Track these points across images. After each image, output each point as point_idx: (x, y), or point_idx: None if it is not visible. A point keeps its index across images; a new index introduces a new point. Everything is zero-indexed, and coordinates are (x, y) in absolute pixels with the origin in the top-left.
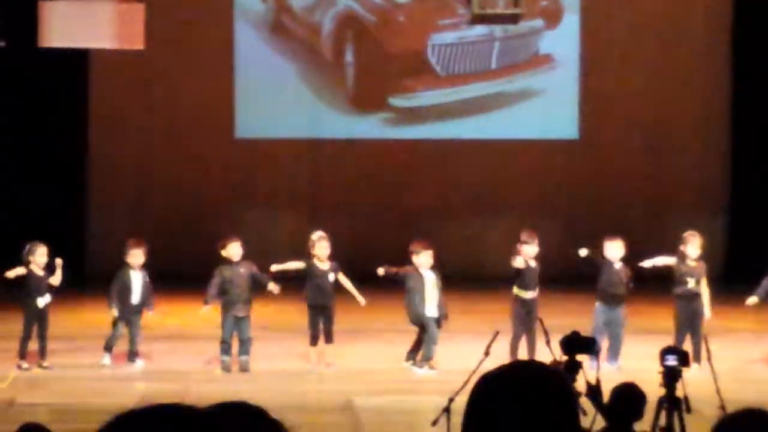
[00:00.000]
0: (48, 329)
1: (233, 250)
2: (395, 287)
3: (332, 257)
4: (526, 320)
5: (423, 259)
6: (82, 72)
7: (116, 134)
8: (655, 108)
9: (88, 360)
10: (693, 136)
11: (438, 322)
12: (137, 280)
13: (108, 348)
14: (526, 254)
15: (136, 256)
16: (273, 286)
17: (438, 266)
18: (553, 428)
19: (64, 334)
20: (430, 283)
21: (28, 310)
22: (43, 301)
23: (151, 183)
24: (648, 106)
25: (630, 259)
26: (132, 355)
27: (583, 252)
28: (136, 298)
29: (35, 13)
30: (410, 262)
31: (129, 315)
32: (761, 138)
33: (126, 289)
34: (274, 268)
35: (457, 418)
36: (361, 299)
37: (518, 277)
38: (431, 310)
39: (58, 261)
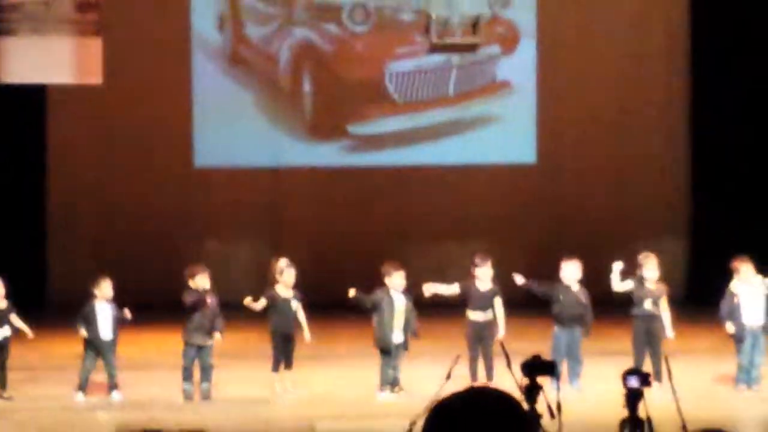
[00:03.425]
0: (8, 360)
1: (201, 281)
2: (357, 312)
3: (295, 285)
4: (477, 343)
5: (395, 281)
6: (40, 106)
7: (75, 166)
8: (612, 132)
9: (49, 391)
10: (652, 159)
11: (405, 344)
12: (105, 312)
13: (81, 387)
14: (480, 277)
15: (103, 289)
16: (219, 337)
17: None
18: None
19: (24, 365)
20: (400, 306)
21: None
22: (1, 333)
23: (111, 213)
24: (606, 131)
25: (590, 282)
26: (111, 387)
27: (519, 280)
28: (105, 332)
29: None
30: (382, 285)
31: (100, 349)
32: (721, 160)
33: (92, 322)
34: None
35: None
36: (307, 336)
37: (468, 300)
38: (398, 336)
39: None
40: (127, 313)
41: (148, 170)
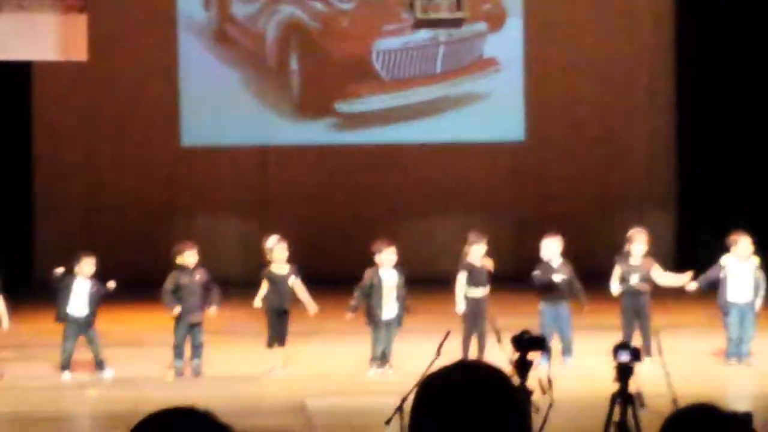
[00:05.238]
0: None
1: (189, 258)
2: (347, 290)
3: (290, 261)
4: (474, 319)
5: (386, 258)
6: (25, 83)
7: (61, 144)
8: (600, 107)
9: (38, 368)
10: (638, 134)
11: (398, 320)
12: (83, 289)
13: (64, 366)
14: (474, 254)
15: (83, 266)
16: (214, 310)
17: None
18: (499, 428)
19: (13, 343)
20: (390, 283)
21: None
22: None
23: (99, 191)
24: (592, 107)
25: (579, 258)
26: (99, 365)
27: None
28: (82, 308)
29: None
30: (372, 263)
31: (78, 326)
32: (706, 133)
33: (65, 298)
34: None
35: None
36: (311, 308)
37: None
38: (387, 312)
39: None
40: (111, 285)
41: (135, 149)
